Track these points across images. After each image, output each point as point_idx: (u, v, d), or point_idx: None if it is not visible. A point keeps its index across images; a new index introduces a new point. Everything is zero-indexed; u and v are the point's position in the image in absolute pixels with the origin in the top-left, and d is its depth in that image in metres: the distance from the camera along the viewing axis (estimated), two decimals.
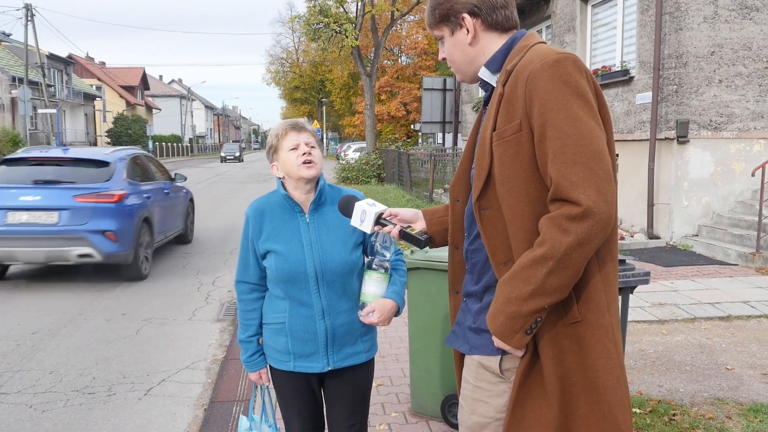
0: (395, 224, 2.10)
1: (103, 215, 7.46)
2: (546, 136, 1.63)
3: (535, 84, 1.65)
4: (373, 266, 2.33)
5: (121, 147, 10.57)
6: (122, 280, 7.97)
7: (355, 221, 2.14)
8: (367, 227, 2.11)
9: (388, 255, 2.32)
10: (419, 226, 2.13)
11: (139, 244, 7.98)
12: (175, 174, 10.65)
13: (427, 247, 2.16)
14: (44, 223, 7.32)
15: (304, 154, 2.33)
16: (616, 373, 1.72)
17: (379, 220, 2.11)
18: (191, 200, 11.07)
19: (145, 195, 8.43)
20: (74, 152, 8.59)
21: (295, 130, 2.37)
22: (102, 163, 8.03)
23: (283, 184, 2.42)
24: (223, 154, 55.09)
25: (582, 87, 1.65)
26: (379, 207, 2.13)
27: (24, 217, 7.31)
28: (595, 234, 1.58)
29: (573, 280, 1.64)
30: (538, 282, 1.61)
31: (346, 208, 2.19)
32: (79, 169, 7.92)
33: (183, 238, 10.71)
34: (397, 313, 2.40)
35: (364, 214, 2.12)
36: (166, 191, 9.47)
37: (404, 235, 2.09)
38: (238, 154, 55.06)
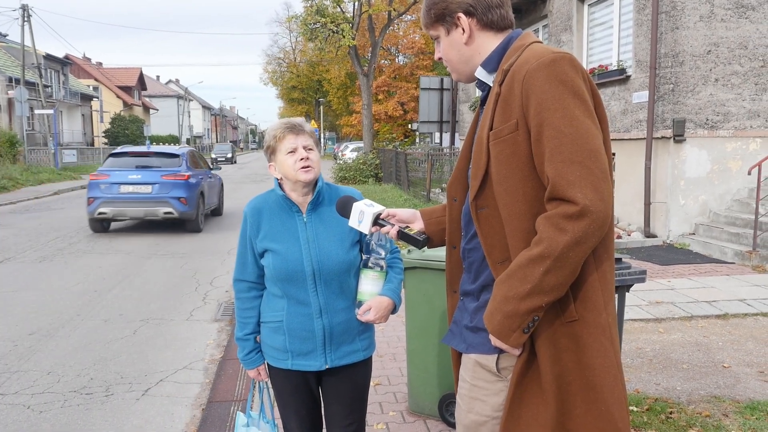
0: (393, 225, 2.10)
1: (179, 188, 11.61)
2: (543, 136, 1.63)
3: (531, 83, 1.65)
4: (369, 264, 2.33)
5: (182, 146, 16.70)
6: (119, 280, 7.99)
7: (353, 222, 2.14)
8: (365, 228, 2.11)
9: (383, 253, 2.33)
10: (417, 226, 2.13)
11: (198, 207, 12.01)
12: (213, 165, 15.25)
13: (425, 247, 2.17)
14: (143, 193, 11.56)
15: (302, 159, 2.33)
16: (613, 372, 1.72)
17: (377, 221, 2.11)
18: (222, 184, 14.97)
19: (199, 177, 12.46)
20: (156, 148, 13.02)
21: (293, 133, 2.36)
22: (174, 155, 12.37)
23: (280, 185, 2.43)
24: (213, 156, 48.95)
25: (578, 86, 1.65)
26: (377, 207, 2.13)
27: (130, 188, 11.52)
28: (592, 233, 1.59)
29: (570, 279, 1.64)
30: (536, 281, 1.61)
31: (344, 208, 2.19)
32: (161, 159, 12.24)
33: (217, 211, 14.67)
34: (394, 310, 2.41)
35: (362, 214, 2.11)
36: (209, 177, 13.38)
37: (402, 236, 2.09)
38: (230, 155, 51.13)
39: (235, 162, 51.11)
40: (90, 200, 11.50)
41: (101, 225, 12.00)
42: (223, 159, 49.47)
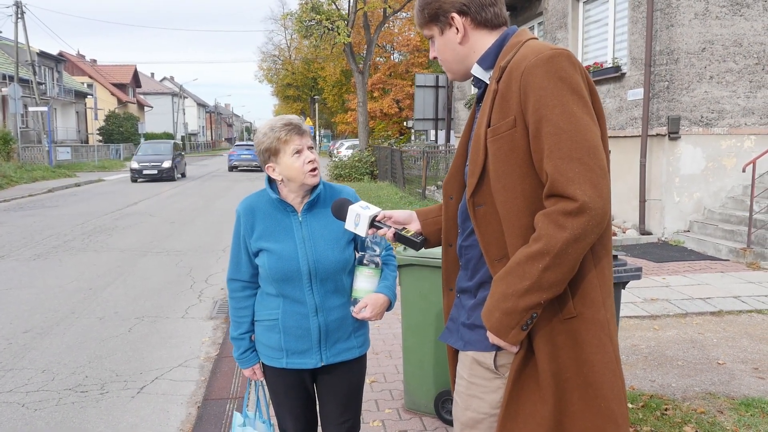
0: (389, 227, 2.10)
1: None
2: (541, 132, 1.63)
3: (529, 80, 1.65)
4: (364, 262, 2.33)
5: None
6: (114, 278, 7.97)
7: (349, 225, 2.14)
8: (362, 231, 2.11)
9: (378, 250, 2.33)
10: (414, 227, 2.12)
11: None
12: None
13: (422, 248, 2.16)
14: (248, 158, 32.90)
15: (310, 161, 2.32)
16: (611, 367, 1.72)
17: (374, 223, 2.10)
18: None
19: None
20: (248, 143, 34.92)
21: (298, 135, 2.33)
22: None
23: (271, 185, 2.40)
24: (134, 166, 25.77)
25: (577, 83, 1.65)
26: (373, 210, 2.12)
27: (243, 156, 33.40)
28: (590, 229, 1.59)
29: (569, 276, 1.64)
30: (535, 278, 1.61)
31: (340, 211, 2.18)
32: (251, 146, 29.55)
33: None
34: (389, 307, 2.41)
35: (358, 217, 2.11)
36: None
37: (399, 238, 2.08)
38: (168, 164, 26.12)
39: (183, 176, 28.57)
40: (230, 159, 33.79)
41: (231, 170, 32.31)
42: (155, 172, 25.68)
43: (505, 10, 1.89)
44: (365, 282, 2.34)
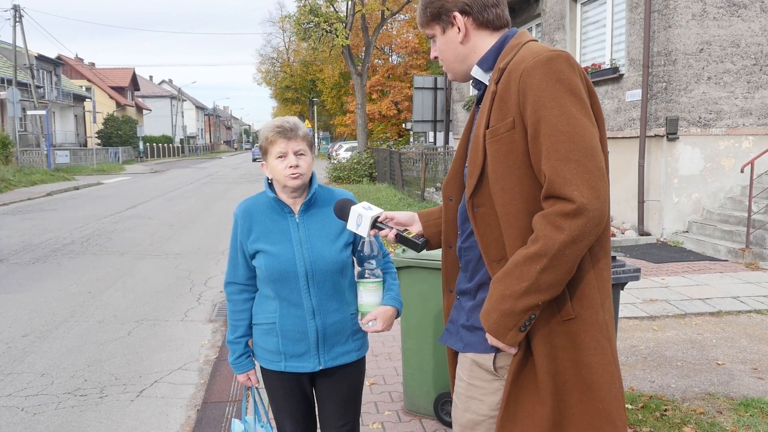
0: (391, 228, 2.10)
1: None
2: (540, 134, 1.63)
3: (528, 81, 1.65)
4: (365, 276, 2.27)
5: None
6: (114, 281, 7.97)
7: (351, 225, 2.14)
8: (364, 231, 2.11)
9: (375, 263, 2.27)
10: (415, 228, 2.13)
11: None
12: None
13: (423, 250, 2.16)
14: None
15: (291, 166, 2.30)
16: (610, 369, 1.72)
17: (376, 224, 2.11)
18: None
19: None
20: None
21: (284, 138, 2.31)
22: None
23: (271, 185, 2.41)
24: None
25: (575, 84, 1.66)
26: (375, 210, 2.13)
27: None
28: (588, 231, 1.59)
29: (567, 277, 1.64)
30: (532, 279, 1.61)
31: (342, 211, 2.18)
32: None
33: None
34: (397, 315, 2.40)
35: (360, 218, 2.11)
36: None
37: (401, 239, 2.09)
38: None
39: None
40: (253, 154, 55.27)
41: (255, 161, 49.17)
42: None
43: (507, 12, 1.90)
44: (370, 296, 2.28)
